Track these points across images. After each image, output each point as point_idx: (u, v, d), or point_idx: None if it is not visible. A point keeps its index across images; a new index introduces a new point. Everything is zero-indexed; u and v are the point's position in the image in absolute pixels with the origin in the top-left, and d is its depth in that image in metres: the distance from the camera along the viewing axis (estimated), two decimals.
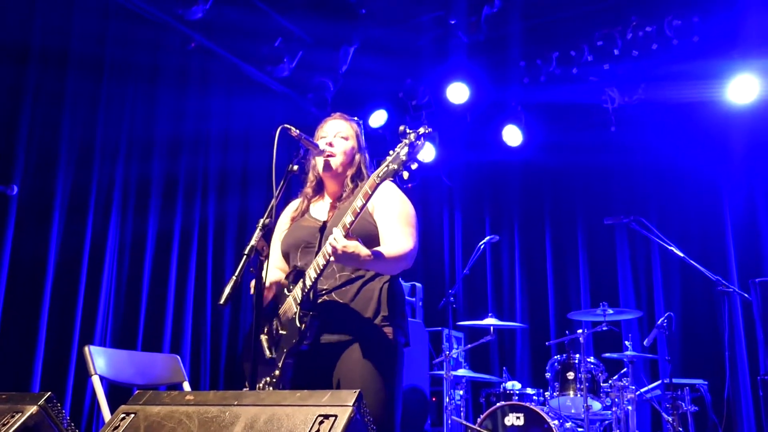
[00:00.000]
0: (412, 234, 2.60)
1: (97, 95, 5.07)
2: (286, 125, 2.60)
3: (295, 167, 2.63)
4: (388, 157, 2.35)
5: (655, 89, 6.24)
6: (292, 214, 2.84)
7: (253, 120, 6.24)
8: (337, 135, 2.74)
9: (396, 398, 2.53)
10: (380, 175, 2.34)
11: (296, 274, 2.58)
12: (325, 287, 2.57)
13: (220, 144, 6.01)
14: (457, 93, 6.56)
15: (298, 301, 2.50)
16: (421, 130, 2.34)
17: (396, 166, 2.31)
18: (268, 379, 2.51)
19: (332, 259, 2.38)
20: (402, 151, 2.32)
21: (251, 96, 6.24)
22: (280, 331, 2.54)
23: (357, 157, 2.76)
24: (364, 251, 2.37)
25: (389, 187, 2.67)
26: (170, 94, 5.57)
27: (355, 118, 2.85)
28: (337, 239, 2.33)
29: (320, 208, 2.77)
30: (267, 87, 6.35)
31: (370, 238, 2.57)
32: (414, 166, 2.33)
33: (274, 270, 2.73)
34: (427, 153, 7.04)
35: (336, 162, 2.70)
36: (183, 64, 5.71)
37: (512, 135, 6.79)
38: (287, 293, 2.59)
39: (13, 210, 4.45)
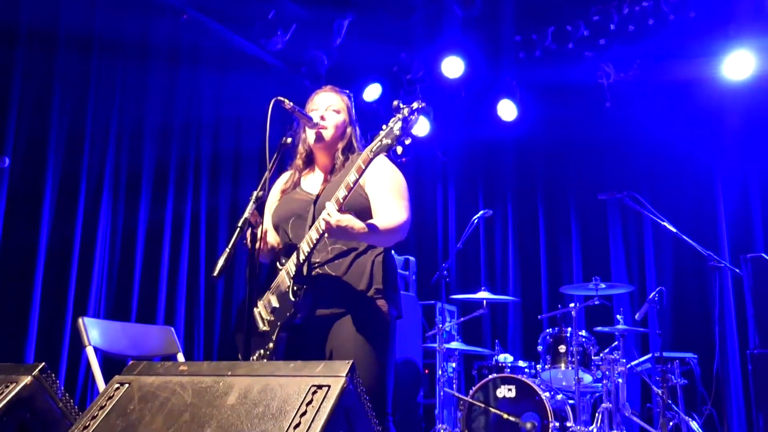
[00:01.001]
0: (404, 206, 2.61)
1: (88, 73, 5.02)
2: (279, 97, 2.59)
3: (289, 140, 2.62)
4: (381, 132, 2.35)
5: (650, 65, 6.22)
6: (283, 187, 2.84)
7: (246, 94, 6.20)
8: (328, 108, 2.73)
9: (388, 370, 2.55)
10: (374, 149, 2.34)
11: (288, 248, 2.59)
12: (317, 260, 2.57)
13: (213, 118, 5.97)
14: (452, 67, 6.52)
15: (291, 275, 2.51)
16: (415, 104, 2.33)
17: (389, 141, 2.32)
18: (261, 351, 2.53)
19: (326, 235, 2.38)
20: (396, 125, 2.32)
21: (244, 70, 6.18)
22: (274, 305, 2.55)
23: (348, 130, 2.75)
24: (357, 224, 2.38)
25: (381, 160, 2.67)
26: (161, 70, 5.51)
27: (346, 91, 2.84)
28: (330, 213, 2.33)
29: (311, 181, 2.77)
30: (260, 60, 6.29)
31: (363, 211, 2.57)
32: (407, 141, 2.33)
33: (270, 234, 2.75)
34: (422, 128, 7.02)
35: (327, 135, 2.70)
36: (174, 40, 5.64)
37: (507, 110, 6.77)
38: (280, 267, 2.60)
39: (5, 182, 4.43)
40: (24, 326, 4.41)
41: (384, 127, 2.35)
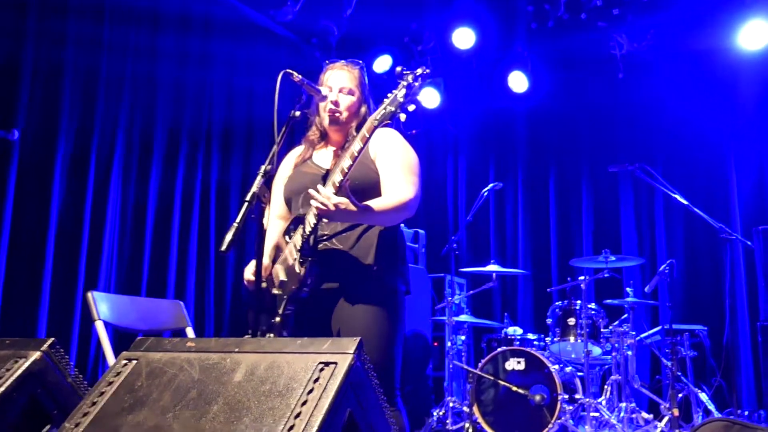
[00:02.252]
0: (413, 182, 2.57)
1: (99, 42, 5.00)
2: (288, 70, 2.56)
3: (298, 113, 2.59)
4: (385, 100, 2.32)
5: (664, 36, 6.13)
6: (296, 161, 2.82)
7: (257, 65, 6.16)
8: (341, 90, 2.69)
9: (396, 345, 2.54)
10: (378, 118, 2.32)
11: (296, 221, 2.58)
12: (326, 233, 2.56)
13: (224, 90, 5.95)
14: (463, 38, 6.44)
15: (298, 248, 2.50)
16: (419, 71, 2.31)
17: (393, 108, 2.29)
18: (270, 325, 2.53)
19: (324, 220, 2.37)
20: (399, 93, 2.30)
21: (255, 41, 6.13)
22: (281, 278, 2.55)
23: (362, 109, 2.72)
24: (352, 208, 2.35)
25: (392, 134, 2.64)
26: (172, 40, 5.48)
27: (359, 63, 2.79)
28: (329, 197, 2.31)
29: (323, 156, 2.75)
30: (270, 31, 6.24)
31: (372, 186, 2.55)
32: (411, 108, 2.31)
33: (275, 218, 2.72)
34: (432, 99, 6.97)
35: (341, 118, 2.68)
36: (185, 8, 5.60)
37: (518, 81, 6.70)
38: (288, 240, 2.59)
39: (16, 155, 4.44)
40: (35, 301, 4.44)
41: (389, 95, 2.33)
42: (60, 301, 4.60)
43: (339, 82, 2.70)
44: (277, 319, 2.51)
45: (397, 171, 2.57)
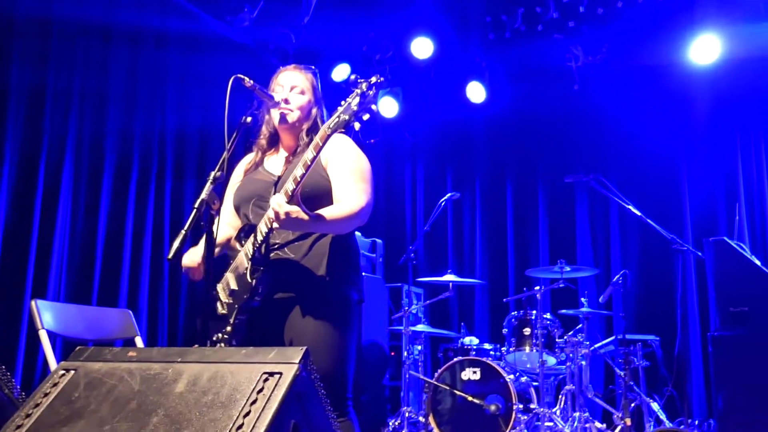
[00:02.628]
0: (365, 190, 2.54)
1: (45, 55, 4.88)
2: (239, 75, 2.52)
3: (249, 119, 2.56)
4: (339, 108, 2.30)
5: (618, 48, 6.22)
6: (246, 167, 2.78)
7: (213, 72, 6.07)
8: (293, 89, 2.66)
9: (349, 354, 2.50)
10: (331, 126, 2.29)
11: (248, 229, 2.54)
12: (277, 242, 2.52)
13: (177, 96, 5.85)
14: (422, 48, 6.46)
15: (249, 257, 2.45)
16: (373, 79, 2.28)
17: (347, 117, 2.26)
18: (220, 335, 2.49)
19: (275, 225, 2.32)
20: (353, 101, 2.27)
21: (210, 50, 6.05)
22: (232, 287, 2.50)
23: (313, 111, 2.69)
24: (304, 217, 2.31)
25: (344, 141, 2.62)
26: (124, 48, 5.38)
27: (312, 67, 2.76)
28: (280, 204, 2.27)
29: (274, 162, 2.71)
30: (227, 39, 6.17)
31: (323, 193, 2.52)
32: (366, 117, 2.28)
33: (225, 225, 2.67)
34: (390, 108, 6.96)
35: (292, 117, 2.63)
36: (137, 17, 5.50)
37: (476, 91, 6.73)
38: (239, 248, 2.55)
39: None
40: None
41: (342, 102, 2.30)
42: (5, 310, 4.46)
43: (290, 81, 2.67)
44: (228, 328, 2.47)
45: (349, 179, 2.54)
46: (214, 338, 2.50)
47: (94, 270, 5.03)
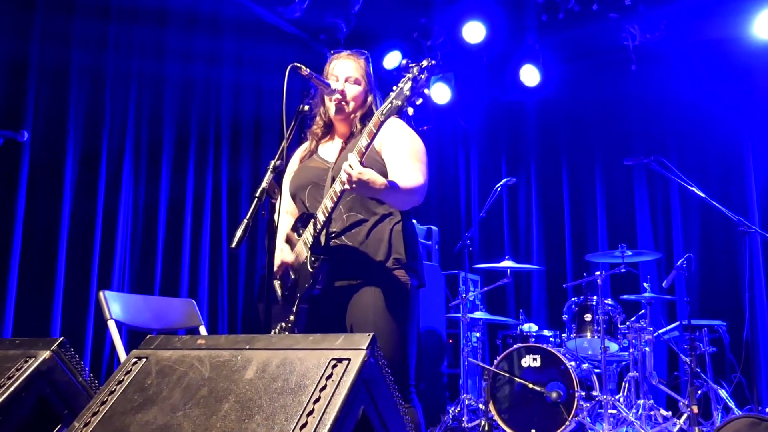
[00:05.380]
0: (422, 170, 2.52)
1: (105, 39, 4.98)
2: (295, 63, 2.52)
3: (306, 107, 2.56)
4: (391, 93, 2.28)
5: (677, 25, 6.04)
6: (301, 155, 2.79)
7: (266, 62, 6.13)
8: (348, 80, 2.65)
9: (410, 340, 2.49)
10: (384, 112, 2.27)
11: (305, 218, 2.54)
12: (334, 230, 2.52)
13: (232, 88, 5.92)
14: (473, 32, 6.38)
15: (309, 245, 2.46)
16: (425, 62, 2.26)
17: (400, 102, 2.24)
18: (282, 324, 2.50)
19: (347, 187, 2.28)
20: (405, 86, 2.25)
21: (262, 38, 6.11)
22: (292, 276, 2.51)
23: (368, 99, 2.68)
24: (379, 179, 2.29)
25: (397, 124, 2.60)
26: (179, 38, 5.46)
27: (365, 53, 2.74)
28: (353, 165, 2.25)
29: (329, 149, 2.71)
30: (278, 29, 6.21)
31: None
32: (419, 102, 2.26)
33: (284, 214, 2.69)
34: (442, 95, 6.91)
35: (348, 108, 2.64)
36: (191, 7, 5.58)
37: (529, 75, 6.63)
38: (297, 237, 2.55)
39: (26, 156, 4.42)
40: (49, 301, 4.43)
41: (394, 88, 2.28)
42: (73, 301, 4.59)
43: (345, 71, 2.66)
44: (291, 317, 2.48)
45: (405, 158, 2.53)
46: (277, 328, 2.51)
47: (155, 260, 5.13)
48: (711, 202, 4.63)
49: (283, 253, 2.58)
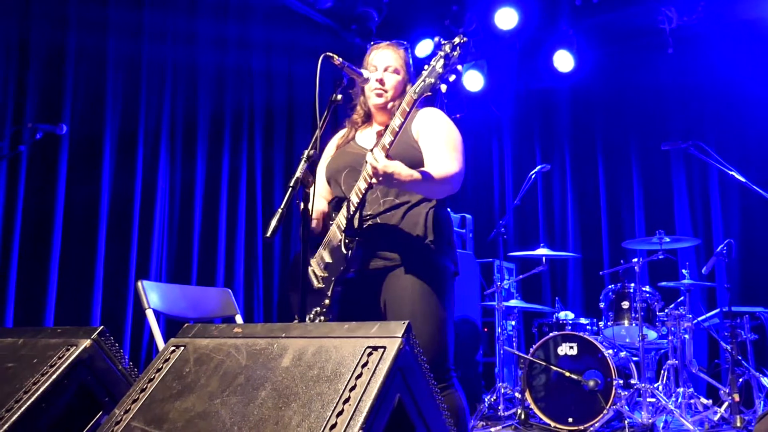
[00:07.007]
0: (457, 158, 2.49)
1: (140, 27, 5.04)
2: (328, 53, 2.52)
3: (339, 97, 2.55)
4: (423, 72, 2.27)
5: (716, 6, 5.90)
6: (338, 142, 2.79)
7: (296, 51, 6.15)
8: (387, 69, 2.64)
9: (448, 324, 2.46)
10: (417, 90, 2.26)
11: (338, 201, 2.55)
12: (369, 213, 2.51)
13: (264, 78, 5.96)
14: (506, 18, 6.31)
15: (342, 228, 2.46)
16: (456, 39, 2.25)
17: (432, 80, 2.24)
18: (318, 309, 2.50)
19: (373, 180, 2.29)
20: (438, 63, 2.24)
21: (293, 28, 6.13)
22: (326, 260, 2.52)
23: (408, 87, 2.66)
24: (405, 171, 2.28)
25: (434, 112, 2.59)
26: (211, 28, 5.50)
27: (404, 43, 2.73)
28: (377, 158, 2.25)
29: (366, 136, 2.71)
30: (310, 19, 6.22)
31: (414, 164, 2.46)
32: (452, 78, 2.25)
33: (319, 198, 2.69)
34: (475, 82, 6.86)
35: (387, 97, 2.63)
36: None
37: (563, 60, 6.54)
38: (331, 222, 2.56)
39: (65, 148, 4.51)
40: (89, 290, 4.52)
41: (426, 66, 2.27)
42: (112, 290, 4.68)
43: (384, 61, 2.65)
44: (326, 301, 2.48)
45: (441, 146, 2.50)
46: (312, 313, 2.51)
47: (192, 250, 5.20)
48: (751, 186, 4.52)
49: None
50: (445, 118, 2.61)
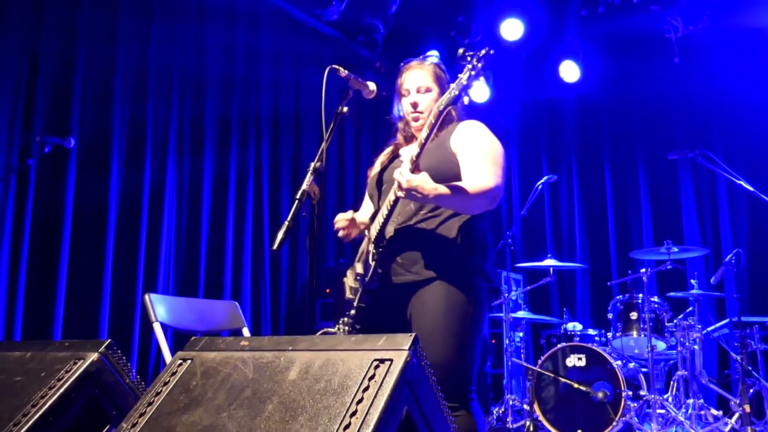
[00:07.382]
0: (496, 172, 2.40)
1: (147, 35, 5.07)
2: (334, 65, 2.53)
3: (345, 109, 2.55)
4: (452, 85, 2.29)
5: (721, 16, 5.90)
6: (382, 159, 2.77)
7: (303, 61, 6.19)
8: (419, 90, 2.61)
9: (473, 343, 2.38)
10: (443, 102, 2.28)
11: (374, 214, 2.56)
12: (400, 224, 2.48)
13: (271, 89, 5.98)
14: (511, 29, 6.33)
15: (372, 239, 2.46)
16: (482, 52, 2.27)
17: (457, 92, 2.25)
18: (345, 319, 2.48)
19: (400, 194, 2.27)
20: (464, 76, 2.26)
21: (300, 40, 6.16)
22: (358, 271, 2.51)
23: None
24: (429, 184, 2.24)
25: (475, 125, 2.56)
26: (219, 38, 5.54)
27: (434, 59, 2.72)
28: (402, 173, 2.24)
29: (407, 152, 2.68)
30: (316, 30, 6.25)
31: (450, 178, 2.41)
32: (473, 85, 2.27)
33: (365, 213, 2.74)
34: (481, 93, 6.87)
35: (424, 117, 2.58)
36: (230, 8, 5.65)
37: (569, 70, 6.55)
38: (366, 234, 2.57)
39: (73, 162, 4.53)
40: (96, 303, 4.53)
41: (458, 77, 2.29)
42: (120, 303, 4.69)
43: (415, 82, 2.62)
44: (352, 311, 2.47)
45: (479, 160, 2.44)
46: (340, 323, 2.50)
47: (199, 263, 5.21)
48: (760, 196, 4.51)
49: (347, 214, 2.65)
50: (486, 130, 2.56)
